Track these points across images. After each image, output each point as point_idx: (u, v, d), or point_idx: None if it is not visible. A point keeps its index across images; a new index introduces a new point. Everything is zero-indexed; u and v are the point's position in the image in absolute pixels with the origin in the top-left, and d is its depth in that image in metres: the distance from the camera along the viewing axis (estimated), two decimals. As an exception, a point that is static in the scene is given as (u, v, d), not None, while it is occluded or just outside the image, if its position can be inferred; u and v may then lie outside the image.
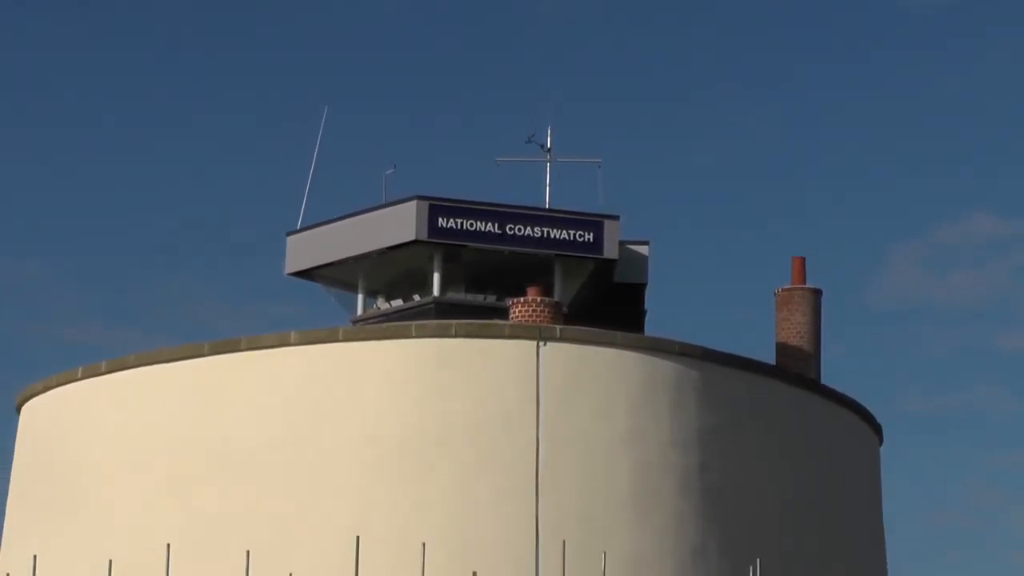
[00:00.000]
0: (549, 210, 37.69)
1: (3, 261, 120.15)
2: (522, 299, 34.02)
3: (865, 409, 37.47)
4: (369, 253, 36.94)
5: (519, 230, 36.73)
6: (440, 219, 36.15)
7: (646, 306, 39.09)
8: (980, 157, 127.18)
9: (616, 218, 37.23)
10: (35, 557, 32.52)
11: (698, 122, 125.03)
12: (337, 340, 32.93)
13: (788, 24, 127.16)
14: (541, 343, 31.97)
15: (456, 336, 32.43)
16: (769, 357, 36.21)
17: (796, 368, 36.05)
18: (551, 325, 32.81)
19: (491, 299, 36.33)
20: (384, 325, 35.15)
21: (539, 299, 33.90)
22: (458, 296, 36.81)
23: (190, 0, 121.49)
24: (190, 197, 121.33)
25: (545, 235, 36.74)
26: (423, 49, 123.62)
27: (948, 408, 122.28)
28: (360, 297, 38.57)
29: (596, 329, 33.07)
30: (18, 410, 36.98)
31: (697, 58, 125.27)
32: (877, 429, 38.49)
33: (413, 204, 36.16)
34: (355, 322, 37.89)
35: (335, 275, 38.32)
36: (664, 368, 32.70)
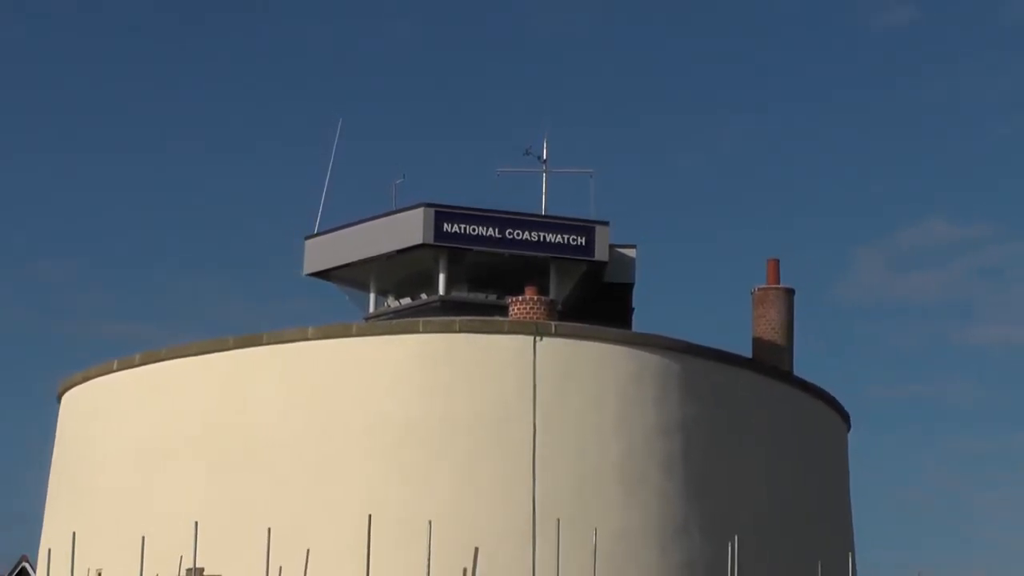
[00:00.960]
0: (545, 216, 37.70)
1: (44, 261, 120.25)
2: (520, 298, 34.00)
3: (834, 398, 37.49)
4: (380, 256, 36.93)
5: (517, 235, 36.73)
6: (445, 224, 36.15)
7: (633, 304, 39.08)
8: (937, 167, 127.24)
9: (606, 224, 37.23)
10: (74, 534, 32.60)
11: (681, 136, 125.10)
12: (351, 335, 32.96)
13: (761, 45, 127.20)
14: (537, 338, 31.95)
15: (460, 331, 32.43)
16: (746, 350, 36.20)
17: (771, 361, 36.05)
18: (547, 322, 32.80)
19: (492, 298, 36.31)
20: (394, 321, 35.17)
21: (536, 298, 33.90)
22: (461, 295, 36.80)
23: (223, 21, 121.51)
24: (216, 203, 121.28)
25: (541, 239, 36.74)
26: (430, 69, 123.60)
27: (910, 397, 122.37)
28: (372, 296, 38.56)
29: (588, 325, 33.08)
30: (59, 399, 36.99)
31: (681, 78, 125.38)
32: (845, 416, 38.51)
33: (420, 211, 36.16)
34: (367, 319, 37.89)
35: (349, 276, 38.30)
36: (650, 361, 32.68)
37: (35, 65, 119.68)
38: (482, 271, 37.04)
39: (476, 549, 30.29)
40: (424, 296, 37.26)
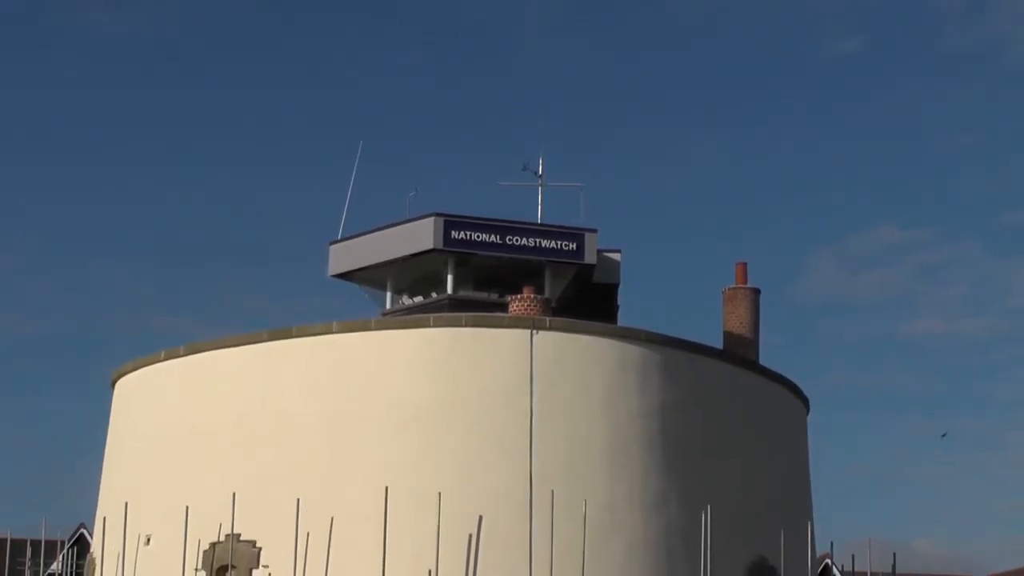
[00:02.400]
0: (540, 224, 37.71)
1: (98, 263, 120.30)
2: (519, 296, 34.02)
3: (795, 384, 37.48)
4: (396, 259, 36.97)
5: (516, 240, 36.75)
6: (453, 232, 36.17)
7: (618, 302, 39.15)
8: (885, 179, 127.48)
9: (594, 231, 37.29)
10: (126, 504, 32.71)
11: (660, 153, 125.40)
12: (370, 329, 32.88)
13: (730, 71, 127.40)
14: (534, 332, 31.90)
15: (465, 326, 32.35)
16: (717, 343, 36.24)
17: (740, 352, 36.07)
18: (542, 317, 32.76)
19: (494, 296, 36.33)
20: (408, 317, 35.15)
21: (532, 296, 33.91)
22: (467, 294, 36.81)
23: (263, 54, 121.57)
24: (251, 213, 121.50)
25: (537, 245, 36.77)
26: (439, 96, 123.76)
27: (860, 383, 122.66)
28: (388, 294, 38.58)
29: (578, 320, 33.04)
30: (113, 385, 36.99)
31: (659, 101, 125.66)
32: (804, 400, 38.51)
33: (431, 220, 36.18)
34: (384, 314, 37.89)
35: (368, 277, 38.31)
36: (633, 352, 32.62)
37: (91, 89, 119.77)
38: (485, 273, 37.06)
39: (480, 517, 30.34)
40: (434, 295, 37.27)
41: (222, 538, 31.44)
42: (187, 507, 31.21)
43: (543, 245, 36.79)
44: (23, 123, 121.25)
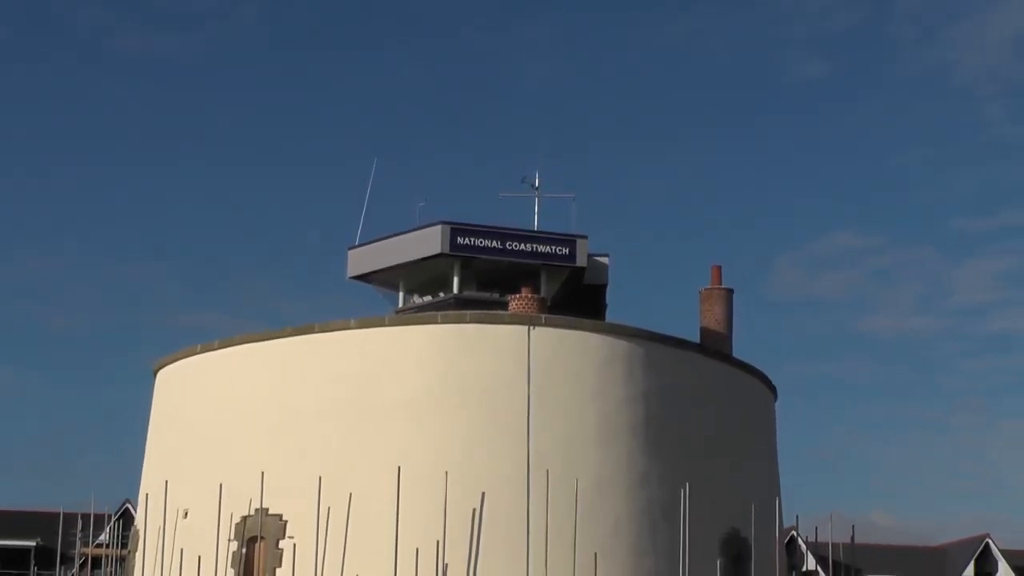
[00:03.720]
0: (537, 231, 37.58)
1: (136, 264, 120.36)
2: (517, 296, 33.96)
3: (764, 374, 37.37)
4: (407, 263, 36.86)
5: (515, 246, 36.65)
6: (459, 238, 36.08)
7: (607, 301, 38.98)
8: (843, 190, 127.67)
9: (585, 237, 37.17)
10: (166, 482, 32.67)
11: (644, 167, 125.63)
12: (384, 325, 32.86)
13: (705, 93, 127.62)
14: (531, 328, 31.85)
15: (470, 322, 32.31)
16: (695, 337, 36.13)
17: (715, 345, 35.98)
18: (538, 315, 32.71)
19: (495, 296, 36.18)
20: (418, 314, 35.11)
21: (530, 296, 33.84)
22: (471, 294, 36.68)
23: (298, 86, 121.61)
24: (277, 220, 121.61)
25: (534, 250, 36.67)
26: (446, 116, 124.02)
27: (821, 373, 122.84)
28: (400, 294, 38.48)
29: (571, 318, 32.98)
30: (155, 375, 36.91)
31: (644, 119, 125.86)
32: (773, 388, 38.40)
33: (439, 227, 36.10)
34: (397, 312, 37.81)
35: (383, 278, 38.20)
36: (620, 346, 32.57)
37: (126, 103, 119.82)
38: (487, 275, 36.96)
39: (483, 494, 30.31)
40: (442, 295, 37.19)
41: (252, 512, 31.41)
42: (221, 484, 31.16)
43: (539, 250, 36.69)
44: (64, 134, 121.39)
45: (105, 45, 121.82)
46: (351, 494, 30.39)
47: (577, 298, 37.20)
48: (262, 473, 30.97)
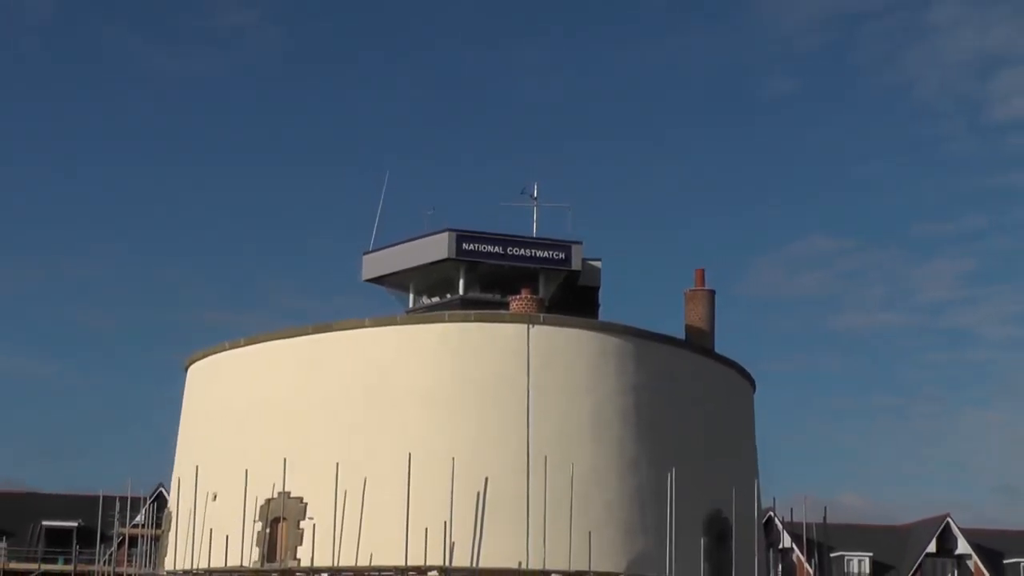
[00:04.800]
0: (535, 238, 37.49)
1: (166, 267, 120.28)
2: (518, 297, 33.94)
3: (743, 367, 37.32)
4: (417, 267, 36.80)
5: (516, 251, 36.56)
6: (464, 244, 36.01)
7: (599, 301, 38.90)
8: (816, 197, 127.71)
9: (579, 243, 37.11)
10: (197, 467, 32.64)
11: (634, 179, 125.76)
12: (396, 324, 32.82)
13: (684, 108, 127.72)
14: (530, 326, 31.81)
15: (474, 321, 32.28)
16: (680, 334, 36.09)
17: (699, 341, 35.95)
18: (537, 314, 32.66)
19: (497, 297, 36.10)
20: (427, 314, 35.03)
21: (529, 297, 33.82)
22: (475, 295, 36.59)
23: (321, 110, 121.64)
24: (298, 228, 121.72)
25: (533, 254, 36.59)
26: (452, 132, 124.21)
27: (796, 366, 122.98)
28: (411, 295, 38.39)
29: (567, 316, 32.92)
30: (186, 369, 36.87)
31: (632, 135, 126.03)
32: (751, 380, 38.35)
33: (446, 234, 36.03)
34: (408, 312, 37.75)
35: (394, 281, 38.14)
36: (611, 342, 32.51)
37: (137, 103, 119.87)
38: (490, 277, 36.88)
39: (486, 478, 30.26)
40: (448, 296, 37.12)
41: (275, 495, 31.37)
42: (246, 470, 31.11)
43: (537, 255, 36.62)
44: (103, 148, 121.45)
45: (140, 63, 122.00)
46: (366, 479, 30.33)
47: (572, 299, 37.13)
48: (284, 459, 30.93)
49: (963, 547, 75.19)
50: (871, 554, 74.98)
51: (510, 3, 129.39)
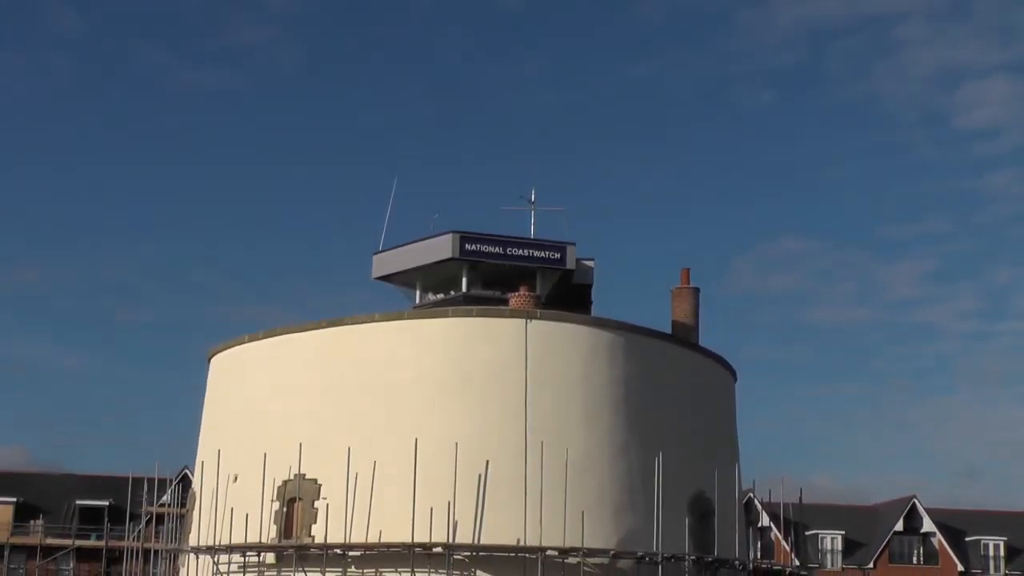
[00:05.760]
0: (533, 239, 37.44)
1: (194, 267, 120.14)
2: (516, 294, 33.88)
3: (724, 359, 37.23)
4: (423, 265, 36.73)
5: (514, 251, 36.48)
6: (467, 244, 35.93)
7: (592, 298, 38.83)
8: (789, 203, 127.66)
9: (573, 244, 37.02)
10: (219, 451, 32.60)
11: (624, 184, 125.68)
12: (404, 318, 32.77)
13: (669, 119, 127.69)
14: (528, 320, 31.77)
15: (476, 316, 32.25)
16: (667, 328, 35.98)
17: (684, 335, 35.85)
18: (534, 309, 32.65)
19: (497, 294, 36.03)
20: (432, 309, 34.96)
21: (527, 294, 33.77)
22: (477, 292, 36.51)
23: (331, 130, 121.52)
24: (314, 231, 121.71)
25: (530, 254, 36.50)
26: (457, 141, 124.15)
27: (772, 358, 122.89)
28: (417, 292, 38.30)
29: (562, 312, 32.90)
30: (209, 360, 36.79)
31: (621, 143, 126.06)
32: (732, 371, 38.25)
33: (450, 236, 35.94)
34: (415, 307, 37.69)
35: (403, 279, 38.04)
36: (603, 336, 32.46)
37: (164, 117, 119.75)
38: (491, 276, 36.80)
39: (487, 461, 30.24)
40: (452, 292, 37.05)
41: (291, 477, 31.32)
42: (265, 453, 31.09)
43: (534, 255, 36.54)
44: (136, 159, 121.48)
45: (166, 76, 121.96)
46: (375, 461, 30.31)
47: (567, 295, 37.08)
48: (300, 444, 30.88)
49: (928, 526, 75.13)
50: (843, 532, 74.88)
51: (511, 22, 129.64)
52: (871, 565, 74.11)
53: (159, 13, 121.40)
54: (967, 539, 76.69)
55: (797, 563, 45.56)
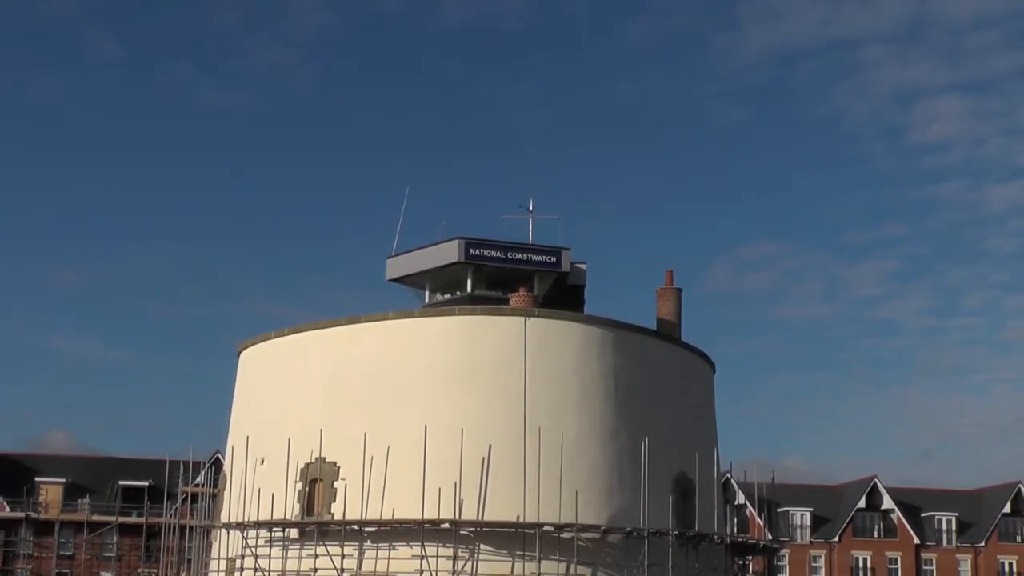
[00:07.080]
0: (532, 245, 37.36)
1: (221, 270, 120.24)
2: (516, 294, 33.81)
3: (704, 353, 37.12)
4: (432, 269, 36.65)
5: (515, 255, 36.39)
6: (472, 249, 35.86)
7: (585, 298, 38.74)
8: (763, 209, 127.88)
9: (568, 249, 36.91)
10: (247, 437, 32.50)
11: (613, 194, 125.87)
12: (414, 316, 32.70)
13: (654, 134, 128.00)
14: (527, 318, 31.70)
15: (480, 315, 32.17)
16: (653, 325, 35.92)
17: (668, 331, 35.79)
18: (532, 308, 32.56)
19: (499, 294, 35.94)
20: (440, 308, 34.84)
21: (526, 294, 33.70)
22: (481, 292, 36.43)
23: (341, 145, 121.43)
24: (331, 237, 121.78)
25: (529, 258, 36.42)
26: (463, 155, 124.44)
27: (748, 351, 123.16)
28: (427, 293, 38.24)
29: (557, 311, 32.84)
30: (238, 354, 36.68)
31: (610, 156, 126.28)
32: (712, 364, 38.15)
33: (456, 241, 35.88)
34: (424, 307, 37.61)
35: (413, 281, 37.96)
36: (595, 332, 32.38)
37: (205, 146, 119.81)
38: (493, 278, 36.72)
39: (490, 446, 30.16)
40: (458, 293, 36.98)
41: (313, 460, 31.24)
42: (289, 438, 31.00)
43: (533, 259, 36.45)
44: (168, 172, 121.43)
45: (195, 93, 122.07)
46: (389, 446, 30.22)
47: (562, 295, 37.00)
48: (320, 430, 30.80)
49: (888, 503, 75.16)
50: (811, 509, 74.84)
51: (510, 49, 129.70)
52: (836, 539, 74.13)
53: (190, 36, 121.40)
54: (923, 515, 76.73)
55: (770, 537, 45.49)
